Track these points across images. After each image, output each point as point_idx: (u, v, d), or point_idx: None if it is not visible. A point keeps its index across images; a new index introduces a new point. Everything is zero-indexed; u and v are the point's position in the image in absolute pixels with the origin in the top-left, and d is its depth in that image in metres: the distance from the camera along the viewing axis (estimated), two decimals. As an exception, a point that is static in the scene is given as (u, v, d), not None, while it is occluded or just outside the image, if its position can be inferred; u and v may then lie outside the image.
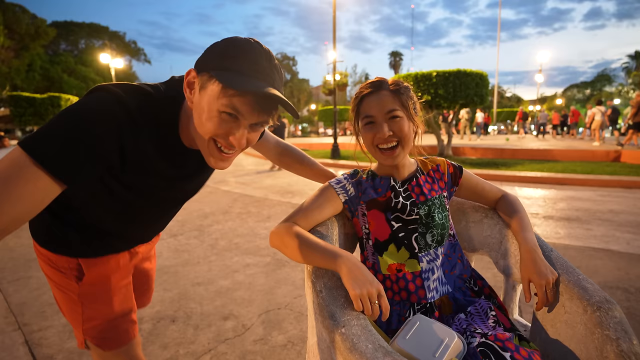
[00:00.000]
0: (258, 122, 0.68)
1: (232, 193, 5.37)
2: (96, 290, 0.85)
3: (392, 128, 0.85)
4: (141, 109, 0.65)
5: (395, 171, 0.94)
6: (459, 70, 7.89)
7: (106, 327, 0.86)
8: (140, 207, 0.81)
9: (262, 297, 2.08)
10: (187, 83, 0.66)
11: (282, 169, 1.27)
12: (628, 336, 0.66)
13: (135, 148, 0.65)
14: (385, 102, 0.85)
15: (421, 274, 0.88)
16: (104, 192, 0.72)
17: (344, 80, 24.82)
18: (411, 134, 0.88)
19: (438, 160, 1.01)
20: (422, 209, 0.90)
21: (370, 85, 0.88)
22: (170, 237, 3.28)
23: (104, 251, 0.86)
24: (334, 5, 10.01)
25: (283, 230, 0.84)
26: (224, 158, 0.70)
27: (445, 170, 0.99)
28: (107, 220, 0.81)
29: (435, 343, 0.69)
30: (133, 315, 0.93)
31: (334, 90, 11.02)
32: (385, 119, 0.85)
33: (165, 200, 0.85)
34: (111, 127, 0.60)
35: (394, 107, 0.85)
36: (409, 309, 0.87)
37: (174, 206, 0.92)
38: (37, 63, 28.42)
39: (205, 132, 0.66)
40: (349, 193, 0.93)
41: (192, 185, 0.87)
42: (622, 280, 2.23)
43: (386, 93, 0.86)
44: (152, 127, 0.67)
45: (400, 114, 0.85)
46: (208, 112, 0.64)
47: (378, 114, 0.85)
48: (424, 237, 0.90)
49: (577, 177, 5.71)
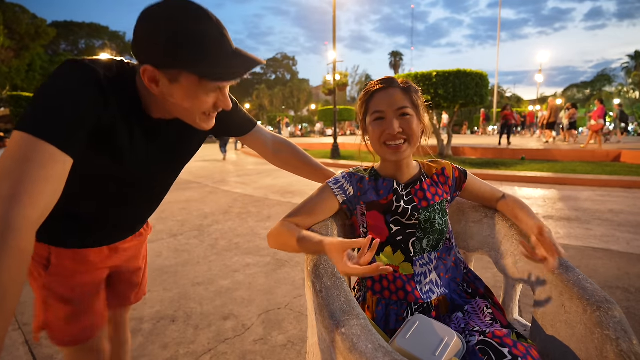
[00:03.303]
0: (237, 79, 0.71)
1: (232, 193, 5.37)
2: (58, 283, 0.83)
3: (401, 125, 0.85)
4: (109, 80, 0.65)
5: (398, 172, 0.93)
6: (458, 70, 7.89)
7: (62, 323, 0.84)
8: (120, 186, 0.79)
9: (262, 297, 2.08)
10: (149, 79, 0.64)
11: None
12: (628, 336, 0.66)
13: (107, 116, 0.65)
14: (397, 98, 0.85)
15: (414, 277, 0.88)
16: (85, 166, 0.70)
17: (344, 80, 24.82)
18: (419, 133, 0.88)
19: (443, 163, 1.00)
20: (422, 215, 0.90)
21: (381, 81, 0.89)
22: (170, 237, 3.28)
23: (77, 243, 0.84)
24: (334, 5, 10.01)
25: (279, 225, 0.87)
26: (211, 118, 0.73)
27: (451, 174, 0.98)
28: (87, 203, 0.80)
29: (435, 342, 0.69)
30: (96, 315, 0.89)
31: (334, 90, 11.02)
32: (396, 115, 0.85)
33: (144, 179, 0.83)
34: (90, 94, 0.61)
35: (405, 105, 0.85)
36: (406, 309, 0.87)
37: (153, 188, 0.89)
38: (37, 63, 28.42)
39: (195, 111, 0.69)
40: (348, 193, 0.93)
41: (170, 159, 0.86)
42: (622, 280, 2.23)
43: (397, 90, 0.86)
44: (118, 98, 0.67)
45: (411, 112, 0.85)
46: (193, 97, 0.66)
47: (389, 110, 0.85)
48: (420, 242, 0.90)
49: (577, 177, 5.71)
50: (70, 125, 0.58)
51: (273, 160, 1.10)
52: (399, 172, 0.93)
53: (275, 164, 1.12)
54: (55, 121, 0.57)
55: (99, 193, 0.79)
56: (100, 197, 0.80)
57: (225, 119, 0.89)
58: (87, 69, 0.62)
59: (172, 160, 0.87)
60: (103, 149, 0.69)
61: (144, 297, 1.13)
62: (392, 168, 0.93)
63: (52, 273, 0.82)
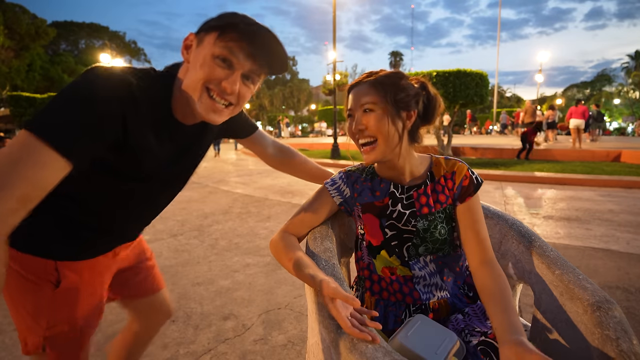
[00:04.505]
0: (251, 72, 0.72)
1: (232, 193, 5.36)
2: (71, 295, 0.82)
3: (365, 121, 0.79)
4: (139, 85, 0.66)
5: (396, 173, 0.86)
6: (458, 70, 7.88)
7: (70, 332, 0.83)
8: (132, 189, 0.79)
9: (262, 297, 2.08)
10: (185, 46, 0.72)
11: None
12: (628, 336, 0.66)
13: (136, 123, 0.66)
14: (362, 93, 0.79)
15: (412, 279, 0.86)
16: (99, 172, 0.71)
17: (344, 80, 24.80)
18: (391, 130, 0.78)
19: (458, 166, 0.86)
20: (420, 222, 0.83)
21: (360, 77, 0.84)
22: (170, 237, 3.28)
23: (86, 254, 0.83)
24: (334, 5, 10.01)
25: (279, 243, 0.85)
26: (216, 109, 0.71)
27: (459, 181, 0.85)
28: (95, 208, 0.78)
29: (437, 341, 0.69)
30: (96, 321, 0.89)
31: (334, 90, 11.02)
32: (360, 111, 0.79)
33: (158, 181, 0.82)
34: (113, 103, 0.61)
35: (367, 100, 0.78)
36: (404, 310, 0.86)
37: (164, 190, 0.88)
38: (37, 63, 28.41)
39: (198, 79, 0.68)
40: (344, 194, 0.91)
41: (185, 163, 0.86)
42: (622, 280, 2.23)
43: (365, 85, 0.80)
44: (148, 103, 0.68)
45: (373, 107, 0.78)
46: (203, 59, 0.68)
47: (354, 107, 0.81)
48: (416, 248, 0.85)
49: (577, 177, 5.71)
50: (78, 132, 0.57)
51: (272, 163, 1.15)
52: (396, 172, 0.86)
53: (275, 166, 1.16)
54: (63, 126, 0.56)
55: (112, 195, 0.78)
56: (112, 198, 0.79)
57: (231, 121, 0.93)
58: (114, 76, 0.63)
59: (190, 166, 0.89)
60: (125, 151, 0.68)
61: None
62: (388, 167, 0.86)
63: (63, 288, 0.80)
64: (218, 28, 0.68)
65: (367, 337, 0.57)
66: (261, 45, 0.70)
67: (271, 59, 0.73)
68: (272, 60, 0.73)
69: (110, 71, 0.63)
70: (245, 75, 0.72)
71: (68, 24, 39.67)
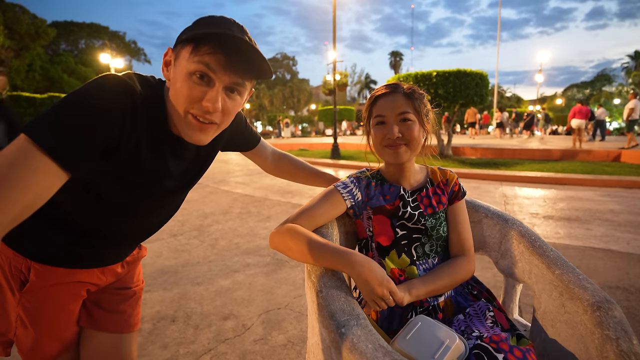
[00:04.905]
0: (232, 84, 0.67)
1: (232, 193, 5.36)
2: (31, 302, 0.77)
3: (401, 130, 0.86)
4: (144, 98, 0.65)
5: (402, 176, 0.94)
6: (458, 70, 7.88)
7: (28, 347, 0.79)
8: (125, 202, 0.76)
9: (262, 297, 2.08)
10: (165, 63, 0.68)
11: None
12: (628, 336, 0.66)
13: (132, 135, 0.64)
14: (399, 104, 0.87)
15: None
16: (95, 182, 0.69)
17: (344, 80, 24.81)
18: (420, 139, 0.89)
19: (450, 175, 0.99)
20: (428, 221, 0.91)
21: (386, 87, 0.91)
22: (170, 237, 3.28)
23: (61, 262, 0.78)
24: (334, 4, 10.01)
25: (285, 231, 0.82)
26: (203, 128, 0.67)
27: (451, 186, 0.97)
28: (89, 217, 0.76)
29: (436, 344, 0.69)
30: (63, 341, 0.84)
31: (334, 90, 11.01)
32: (396, 121, 0.87)
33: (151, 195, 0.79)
34: (115, 114, 0.60)
35: (406, 110, 0.87)
36: (411, 311, 0.87)
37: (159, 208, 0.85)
38: (37, 63, 28.40)
39: (180, 103, 0.65)
40: (356, 198, 0.93)
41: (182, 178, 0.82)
42: (622, 280, 2.23)
43: (400, 96, 0.88)
44: (148, 116, 0.67)
45: (412, 118, 0.87)
46: (181, 78, 0.64)
47: (390, 115, 0.87)
48: (423, 247, 0.90)
49: (577, 177, 5.71)
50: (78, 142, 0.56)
51: (273, 171, 1.17)
52: (403, 176, 0.94)
53: (276, 174, 1.18)
54: (62, 134, 0.54)
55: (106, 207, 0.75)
56: (105, 210, 0.76)
57: (237, 137, 0.94)
58: (122, 87, 0.62)
59: (190, 181, 0.85)
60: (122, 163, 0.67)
61: (143, 298, 1.11)
62: (396, 171, 0.94)
63: (27, 291, 0.76)
64: (192, 41, 0.63)
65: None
66: (240, 54, 0.64)
67: (252, 67, 0.68)
68: (253, 68, 0.69)
69: (120, 79, 0.62)
70: (229, 88, 0.67)
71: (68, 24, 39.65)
